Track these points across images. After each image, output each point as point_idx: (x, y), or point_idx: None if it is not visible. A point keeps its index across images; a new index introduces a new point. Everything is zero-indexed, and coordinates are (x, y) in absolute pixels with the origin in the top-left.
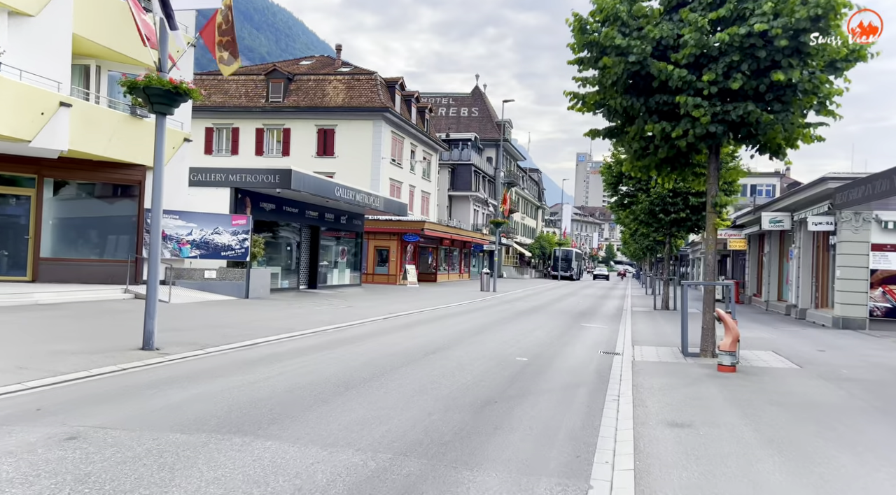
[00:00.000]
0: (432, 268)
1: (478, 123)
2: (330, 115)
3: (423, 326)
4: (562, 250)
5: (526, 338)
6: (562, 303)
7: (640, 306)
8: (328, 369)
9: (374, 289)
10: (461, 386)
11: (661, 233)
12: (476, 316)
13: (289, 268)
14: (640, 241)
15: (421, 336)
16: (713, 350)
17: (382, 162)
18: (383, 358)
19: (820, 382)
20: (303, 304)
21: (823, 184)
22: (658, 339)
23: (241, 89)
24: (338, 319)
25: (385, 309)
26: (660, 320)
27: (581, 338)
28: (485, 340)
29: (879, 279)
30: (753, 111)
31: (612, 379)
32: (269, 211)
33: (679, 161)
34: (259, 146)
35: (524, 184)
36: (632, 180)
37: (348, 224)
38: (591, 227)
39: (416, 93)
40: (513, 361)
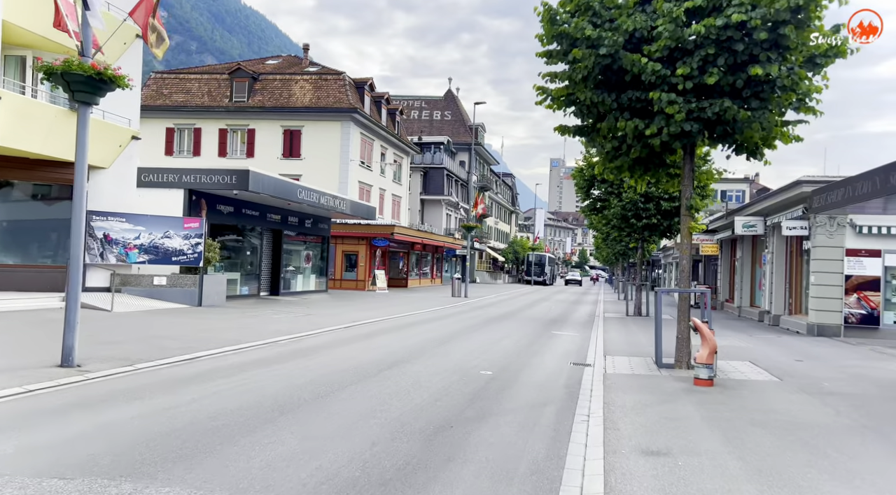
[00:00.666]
0: (403, 274)
1: (451, 127)
2: (296, 116)
3: (385, 336)
4: (535, 255)
5: (493, 348)
6: (534, 309)
7: (612, 312)
8: (268, 388)
9: (341, 295)
10: (415, 408)
11: (633, 238)
12: (444, 324)
13: (249, 273)
14: (612, 246)
15: (380, 347)
16: (688, 361)
17: (351, 164)
18: (334, 374)
19: (803, 398)
20: (260, 313)
21: (798, 187)
22: (631, 348)
23: (204, 88)
24: (294, 329)
25: (348, 317)
26: (632, 327)
27: (551, 348)
28: (449, 351)
29: (854, 285)
30: (730, 108)
31: (581, 395)
32: (227, 214)
33: (653, 161)
34: (222, 147)
35: (497, 189)
36: (604, 184)
37: (314, 228)
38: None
39: (386, 94)
40: (476, 375)
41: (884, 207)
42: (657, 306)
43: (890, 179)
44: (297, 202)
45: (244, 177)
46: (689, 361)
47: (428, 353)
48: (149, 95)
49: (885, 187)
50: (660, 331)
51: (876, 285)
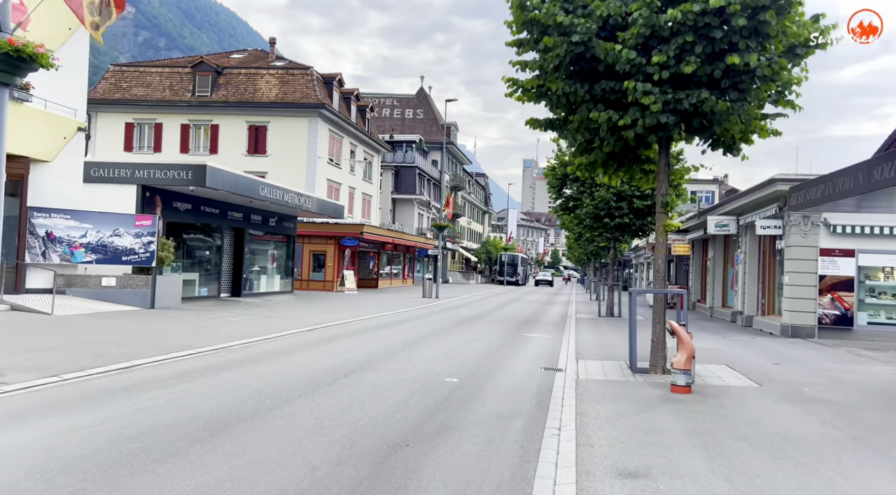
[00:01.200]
0: (373, 274)
1: (423, 125)
2: (262, 111)
3: (348, 340)
4: (508, 255)
5: (461, 352)
6: (505, 309)
7: (584, 313)
8: (206, 401)
9: (307, 296)
10: (368, 423)
11: (605, 237)
12: (411, 326)
13: (208, 274)
14: (584, 246)
15: (341, 352)
16: (664, 365)
17: (319, 161)
18: (284, 384)
19: (786, 406)
20: (217, 315)
21: (772, 185)
22: (604, 351)
23: (165, 82)
24: (252, 333)
25: (311, 319)
26: (605, 328)
27: (522, 351)
28: (414, 356)
29: (828, 285)
30: (708, 99)
31: (553, 404)
32: (185, 211)
33: (627, 156)
34: (184, 143)
35: (470, 189)
36: (576, 183)
37: (278, 226)
38: (537, 233)
39: (356, 90)
40: (441, 384)
41: (857, 205)
42: (631, 308)
43: (874, 174)
44: (260, 199)
45: (201, 173)
46: (664, 365)
47: (391, 359)
48: (107, 89)
49: (868, 183)
50: (634, 334)
51: (850, 285)
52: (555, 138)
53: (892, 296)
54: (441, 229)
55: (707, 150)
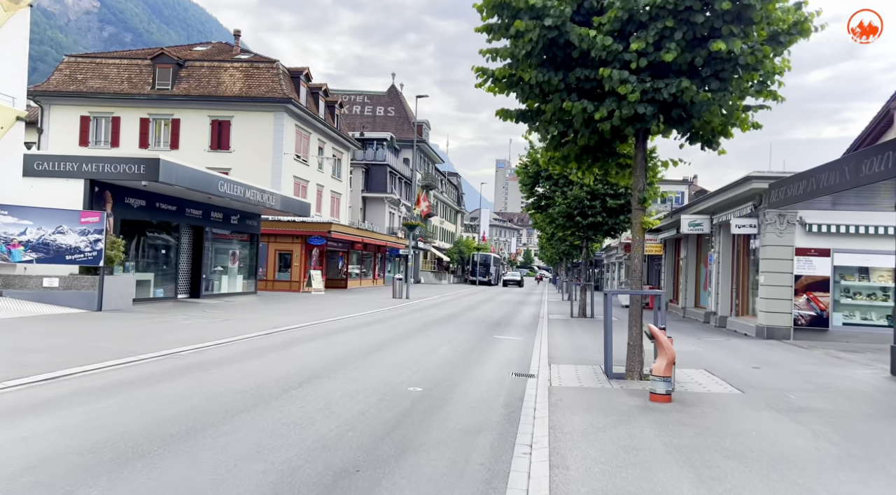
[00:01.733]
0: (342, 274)
1: (394, 123)
2: (225, 106)
3: (307, 345)
4: (480, 255)
5: (428, 357)
6: (477, 310)
7: (556, 313)
8: (132, 419)
9: (272, 297)
10: (317, 443)
11: (577, 236)
12: (378, 328)
13: (165, 274)
14: (556, 246)
15: (298, 358)
16: (641, 370)
17: (285, 158)
18: (229, 395)
19: (773, 416)
20: (171, 318)
21: (747, 183)
22: (577, 355)
23: (124, 74)
24: (205, 337)
25: (272, 322)
26: (577, 330)
27: (492, 355)
28: (376, 362)
29: (804, 285)
30: (689, 89)
31: (524, 416)
32: (139, 208)
33: (602, 150)
34: (144, 138)
35: (443, 188)
36: (549, 181)
37: (241, 225)
38: (509, 233)
39: (324, 85)
40: (403, 394)
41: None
42: (606, 310)
43: (862, 168)
44: (220, 196)
45: (153, 167)
46: (641, 371)
47: (351, 365)
48: (61, 80)
49: (856, 178)
50: (609, 337)
51: (825, 285)
52: (527, 132)
53: (866, 297)
54: (412, 228)
55: (685, 144)
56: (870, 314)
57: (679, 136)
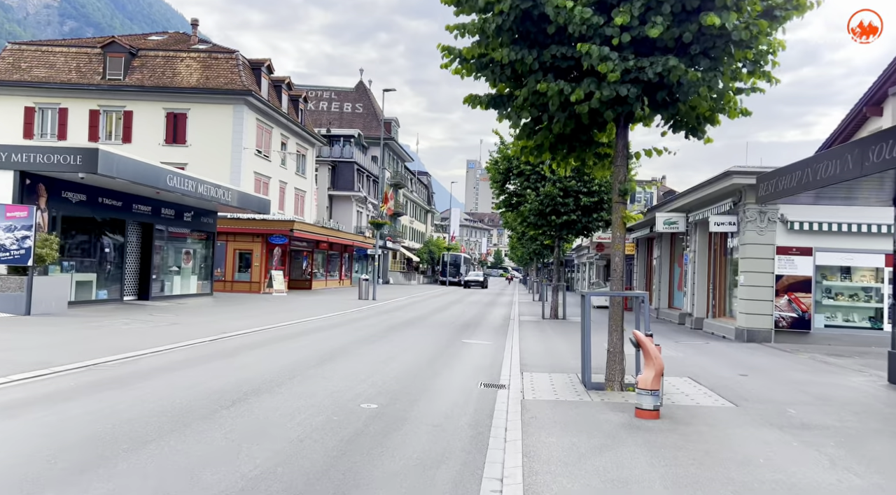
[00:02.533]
0: (307, 275)
1: (362, 120)
2: (182, 98)
3: (256, 352)
4: (450, 255)
5: (388, 365)
6: (446, 312)
7: (528, 315)
8: (8, 452)
9: (229, 299)
10: (233, 487)
11: (549, 236)
12: (338, 333)
13: (109, 274)
14: (527, 246)
15: (241, 368)
16: (622, 380)
17: (245, 153)
18: (141, 419)
19: (777, 436)
20: (109, 322)
21: (727, 179)
22: (551, 361)
23: (72, 63)
24: (141, 344)
25: (222, 326)
26: (550, 332)
27: (459, 362)
28: (329, 373)
29: (785, 286)
30: (676, 67)
31: (493, 439)
32: (78, 203)
33: (578, 138)
34: (93, 131)
35: (413, 187)
36: (520, 177)
37: (195, 222)
38: (480, 233)
39: (287, 78)
40: (355, 412)
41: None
42: (585, 314)
43: (869, 156)
44: (169, 191)
45: (91, 158)
46: (622, 380)
47: (300, 376)
48: (3, 69)
49: (861, 166)
50: (588, 344)
51: (807, 286)
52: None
53: (848, 298)
54: (379, 226)
55: (668, 132)
56: (852, 315)
57: (662, 123)
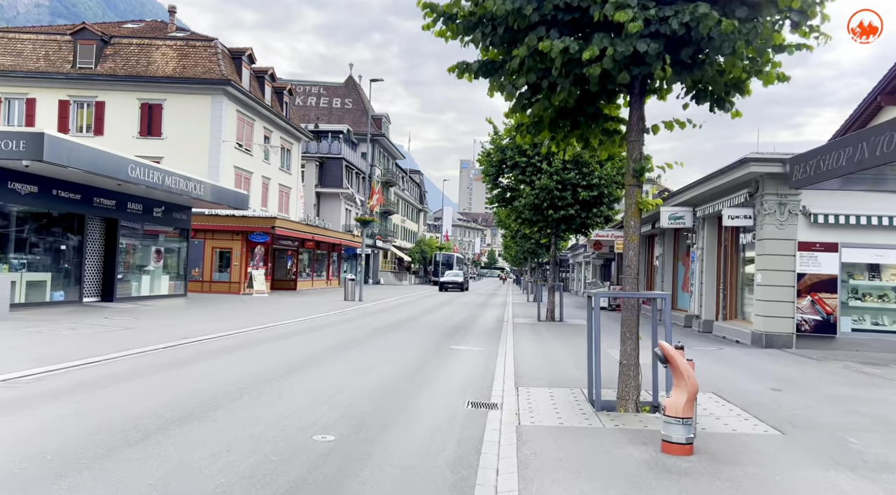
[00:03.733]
0: (291, 275)
1: (352, 116)
2: (157, 87)
3: (212, 362)
4: (443, 255)
5: (363, 378)
6: (435, 313)
7: (522, 317)
8: None
9: (205, 300)
10: None
11: (544, 233)
12: (313, 338)
13: (66, 274)
14: (521, 244)
15: (182, 384)
16: (637, 398)
17: (224, 145)
18: (10, 462)
19: (851, 482)
20: (51, 327)
21: (744, 167)
22: (551, 371)
23: (41, 51)
24: (77, 353)
25: (185, 330)
26: (547, 337)
27: (446, 373)
28: (289, 390)
29: (807, 286)
30: (707, 16)
31: (479, 487)
32: (28, 194)
33: (583, 111)
34: (63, 122)
35: (404, 185)
36: (514, 170)
37: (166, 218)
38: (473, 233)
39: (271, 69)
40: (303, 448)
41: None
42: (594, 320)
43: None
44: (132, 183)
45: (36, 143)
46: (637, 399)
47: (251, 394)
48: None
49: None
50: (597, 356)
51: (832, 285)
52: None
53: (877, 299)
54: (366, 224)
55: (690, 104)
56: (881, 318)
57: (683, 94)
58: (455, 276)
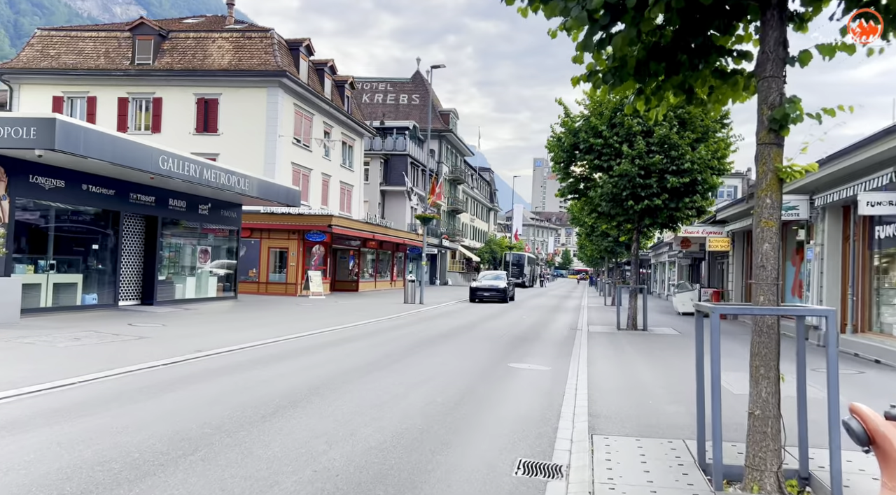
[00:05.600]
0: (353, 276)
1: (419, 112)
2: (212, 81)
3: (204, 386)
4: (512, 254)
5: (377, 419)
6: (498, 320)
7: (598, 323)
8: None
9: (256, 302)
10: None
11: (624, 229)
12: (342, 353)
13: (99, 275)
14: (597, 243)
15: (138, 428)
16: (778, 469)
17: (281, 141)
18: None
19: None
20: (54, 336)
21: (890, 138)
22: (637, 405)
23: (100, 48)
24: (44, 375)
25: (207, 340)
26: (629, 351)
27: (494, 409)
28: (268, 437)
29: None
30: None
31: None
32: (53, 190)
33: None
34: (122, 120)
35: (473, 183)
36: (589, 155)
37: (213, 215)
38: (547, 232)
39: (331, 61)
40: None
41: None
42: (713, 344)
43: None
44: (164, 175)
45: (47, 130)
46: (779, 470)
47: (207, 449)
48: (32, 56)
49: None
50: (715, 397)
51: None
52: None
53: None
54: (426, 221)
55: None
56: None
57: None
58: (496, 280)
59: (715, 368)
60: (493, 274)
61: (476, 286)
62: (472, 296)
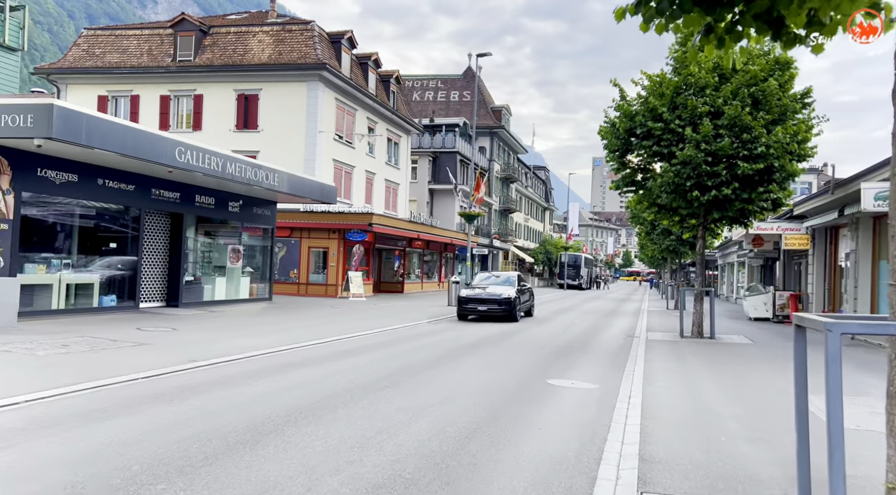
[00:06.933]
0: (398, 277)
1: (470, 109)
2: (252, 76)
3: (161, 410)
4: (568, 255)
5: (359, 462)
6: (544, 326)
7: (659, 330)
8: None
9: (290, 304)
10: None
11: (688, 225)
12: (371, 359)
13: (119, 276)
14: (658, 241)
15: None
16: None
17: (321, 136)
18: None
19: None
20: (38, 343)
21: None
22: (706, 444)
23: (144, 46)
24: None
25: (203, 349)
26: (694, 365)
27: (518, 442)
28: (228, 474)
29: None
30: None
31: None
32: (64, 184)
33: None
34: (164, 118)
35: (527, 182)
36: (648, 140)
37: (244, 213)
38: (606, 233)
39: (374, 54)
40: None
41: None
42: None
43: None
44: (182, 169)
45: (44, 117)
46: None
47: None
48: (78, 56)
49: None
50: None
51: None
52: None
53: None
54: (470, 219)
55: None
56: None
57: None
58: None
59: (835, 418)
60: (495, 276)
61: (466, 295)
62: (460, 309)
